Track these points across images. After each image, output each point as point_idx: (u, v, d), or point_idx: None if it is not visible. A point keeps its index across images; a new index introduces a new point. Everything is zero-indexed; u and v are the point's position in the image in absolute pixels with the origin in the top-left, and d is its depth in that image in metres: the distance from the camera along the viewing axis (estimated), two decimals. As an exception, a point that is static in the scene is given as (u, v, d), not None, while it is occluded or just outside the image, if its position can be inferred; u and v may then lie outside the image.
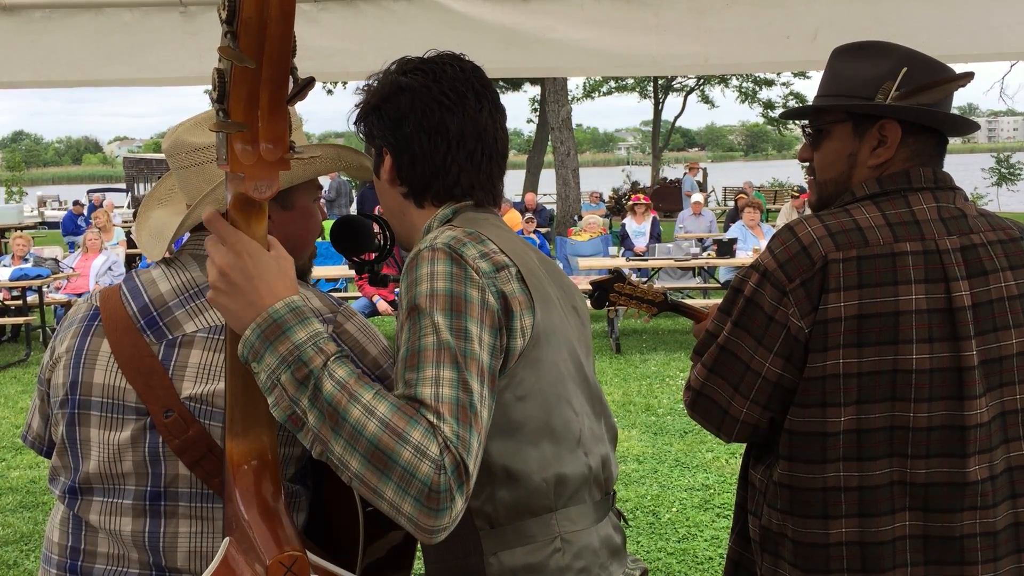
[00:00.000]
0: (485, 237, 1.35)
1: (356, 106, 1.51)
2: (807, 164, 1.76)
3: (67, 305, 9.87)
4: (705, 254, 10.73)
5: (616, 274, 2.39)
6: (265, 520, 1.22)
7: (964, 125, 1.66)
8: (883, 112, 1.61)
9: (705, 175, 30.09)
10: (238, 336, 1.20)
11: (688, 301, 2.48)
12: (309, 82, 1.08)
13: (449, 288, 1.25)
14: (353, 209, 19.49)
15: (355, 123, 1.52)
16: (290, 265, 1.23)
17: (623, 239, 11.97)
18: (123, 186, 36.33)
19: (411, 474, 1.08)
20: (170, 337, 1.43)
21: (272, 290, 1.18)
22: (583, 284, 5.52)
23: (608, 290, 2.35)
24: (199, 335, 1.43)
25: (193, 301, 1.46)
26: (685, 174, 23.81)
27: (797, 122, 1.82)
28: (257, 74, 1.06)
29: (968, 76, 1.61)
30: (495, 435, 1.30)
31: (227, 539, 1.25)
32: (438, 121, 1.41)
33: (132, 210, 27.34)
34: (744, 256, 9.89)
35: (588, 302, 2.01)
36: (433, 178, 1.44)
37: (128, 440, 1.41)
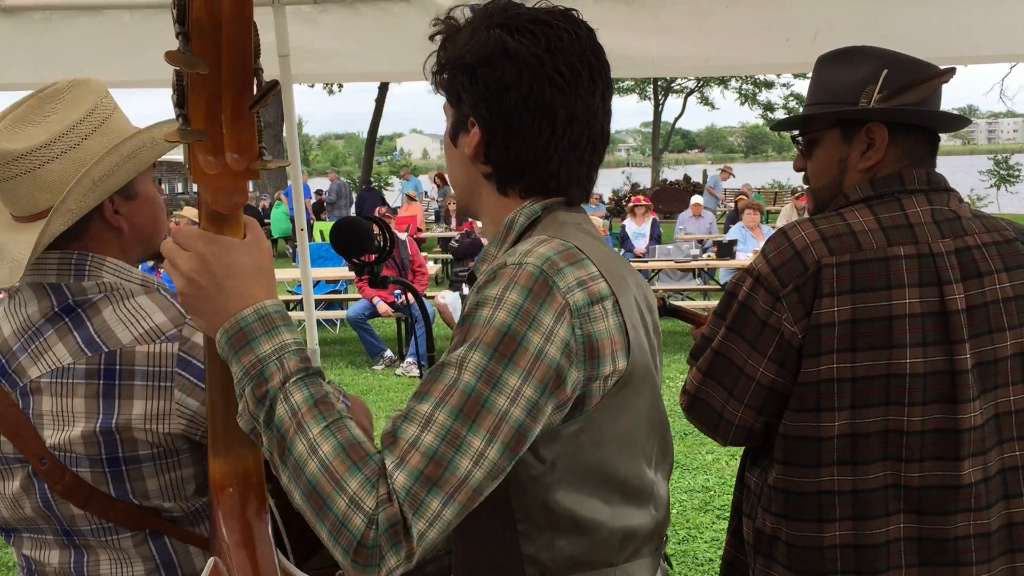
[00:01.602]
0: (584, 256, 1.16)
1: (442, 47, 1.28)
2: (803, 172, 1.77)
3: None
4: (705, 256, 10.72)
5: None
6: (245, 547, 1.18)
7: (953, 121, 1.65)
8: (868, 115, 1.61)
9: (705, 176, 30.10)
10: (212, 341, 1.13)
11: (687, 304, 2.47)
12: (273, 85, 1.00)
13: (507, 325, 1.07)
14: (353, 211, 19.50)
15: (436, 72, 1.30)
16: (268, 258, 1.13)
17: (623, 240, 11.96)
18: (123, 187, 36.30)
19: (343, 524, 0.99)
20: (21, 384, 1.37)
21: (244, 293, 1.09)
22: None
23: None
24: (43, 380, 1.35)
25: (33, 342, 1.38)
26: (718, 173, 23.05)
27: (788, 134, 1.83)
28: (216, 78, 0.99)
29: (950, 72, 1.61)
30: (564, 480, 1.16)
31: (212, 560, 1.22)
32: (547, 101, 1.20)
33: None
34: (744, 257, 9.89)
35: None
36: (529, 166, 1.24)
37: (20, 489, 1.39)
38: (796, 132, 1.75)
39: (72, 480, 1.34)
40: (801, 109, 1.76)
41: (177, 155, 1.53)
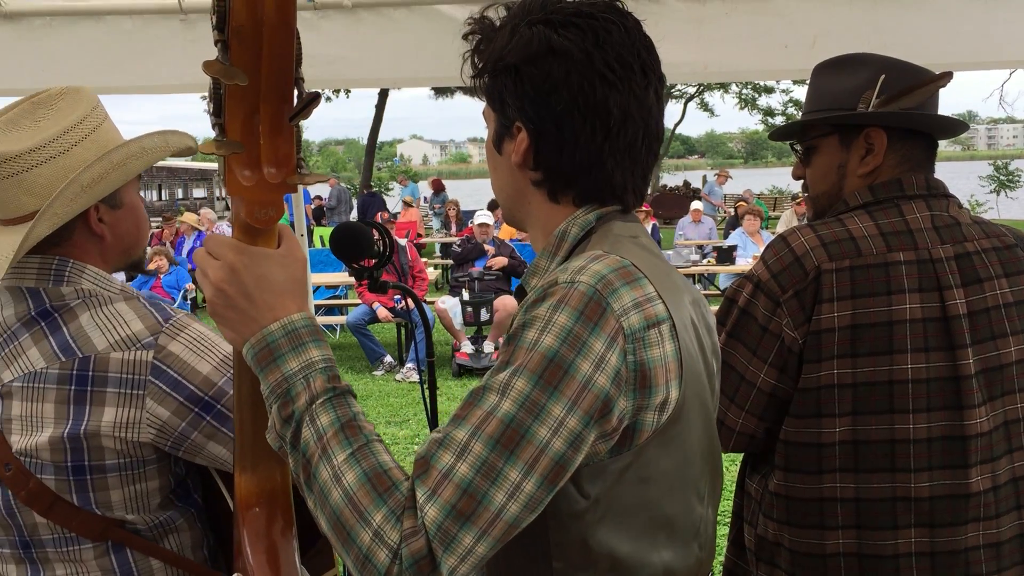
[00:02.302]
0: (642, 274, 1.08)
1: (477, 48, 1.20)
2: (802, 180, 1.77)
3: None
4: (705, 261, 10.73)
5: None
6: (271, 566, 1.16)
7: (952, 126, 1.65)
8: (866, 120, 1.62)
9: (704, 182, 30.10)
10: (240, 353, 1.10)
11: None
12: (315, 97, 0.95)
13: (554, 350, 1.00)
14: (353, 216, 19.52)
15: (475, 76, 1.21)
16: (301, 268, 1.10)
17: (623, 246, 11.95)
18: (123, 193, 36.29)
19: (367, 558, 0.96)
20: None
21: (273, 306, 1.06)
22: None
23: None
24: (15, 384, 1.34)
25: (8, 346, 1.37)
26: (715, 177, 23.00)
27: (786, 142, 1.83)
28: (256, 88, 0.94)
29: (947, 76, 1.61)
30: (607, 518, 1.08)
31: None
32: (599, 100, 1.11)
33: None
34: (744, 263, 9.90)
35: None
36: (583, 171, 1.15)
37: None
38: (794, 140, 1.76)
39: (36, 487, 1.32)
40: (800, 116, 1.77)
41: (177, 161, 1.54)
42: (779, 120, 34.03)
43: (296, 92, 0.97)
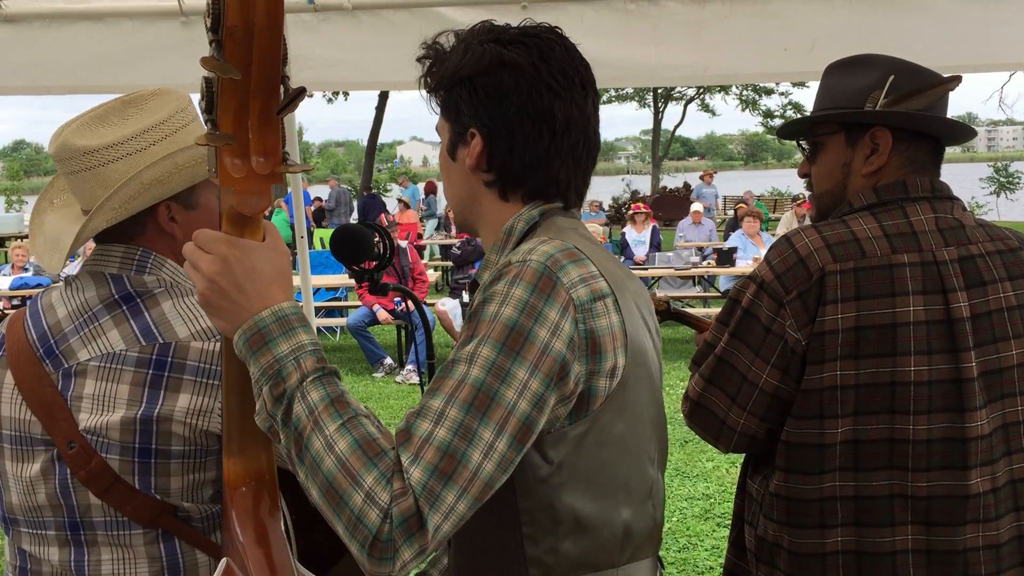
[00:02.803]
0: (584, 255, 1.20)
1: (430, 70, 1.34)
2: (807, 178, 1.77)
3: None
4: (705, 263, 10.73)
5: None
6: (260, 545, 1.20)
7: (959, 130, 1.65)
8: (872, 119, 1.62)
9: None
10: (230, 343, 1.15)
11: (690, 310, 2.45)
12: (300, 92, 1.05)
13: (514, 320, 1.11)
14: (353, 218, 19.51)
15: (431, 89, 1.34)
16: (286, 261, 1.17)
17: (623, 248, 11.97)
18: (123, 194, 36.29)
19: (359, 520, 1.02)
20: (66, 366, 1.39)
21: (263, 295, 1.12)
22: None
23: None
24: (92, 364, 1.37)
25: (88, 326, 1.40)
26: (700, 181, 23.01)
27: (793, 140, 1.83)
28: (246, 84, 1.02)
29: (956, 79, 1.61)
30: (570, 482, 1.19)
31: (225, 560, 1.24)
32: (546, 106, 1.25)
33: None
34: (744, 265, 9.89)
35: None
36: (531, 170, 1.28)
37: (39, 473, 1.39)
38: (801, 137, 1.76)
39: (98, 466, 1.35)
40: (799, 117, 1.77)
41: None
42: (779, 122, 34.04)
43: (283, 88, 1.05)
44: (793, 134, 1.80)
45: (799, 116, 1.84)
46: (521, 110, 1.25)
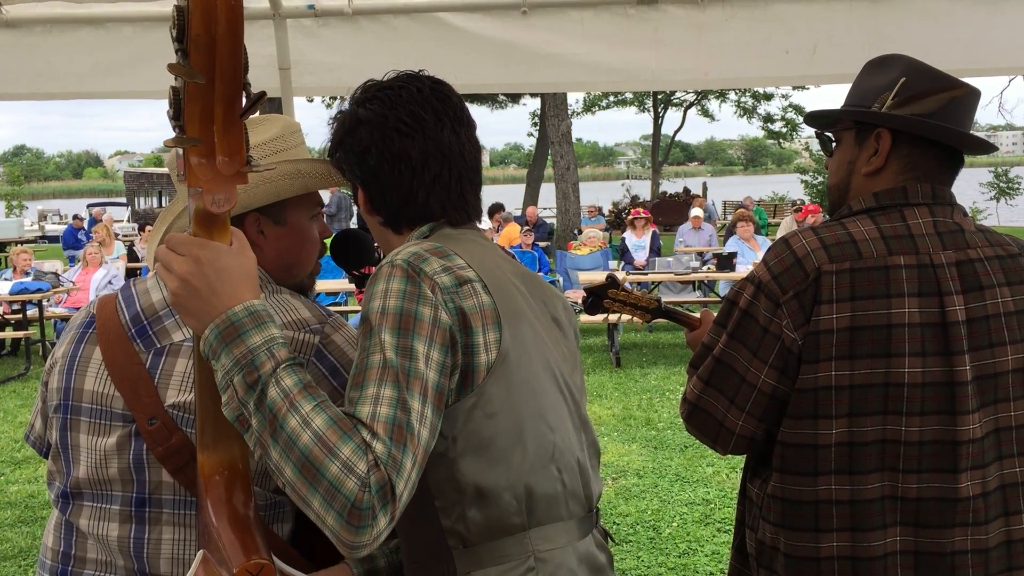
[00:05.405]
0: (451, 252, 1.35)
1: (329, 139, 1.53)
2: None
3: (67, 319, 9.85)
4: (705, 268, 10.73)
5: (610, 280, 2.35)
6: (234, 529, 1.24)
7: (967, 141, 1.63)
8: (874, 120, 1.63)
9: (704, 189, 30.13)
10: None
11: (682, 309, 2.44)
12: (260, 96, 1.11)
13: (399, 307, 1.25)
14: (354, 223, 19.53)
15: (329, 156, 1.53)
16: (253, 264, 1.24)
17: (623, 253, 11.97)
18: (124, 200, 36.36)
19: (336, 489, 1.09)
20: (158, 346, 1.46)
21: (234, 293, 1.20)
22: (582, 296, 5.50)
23: (602, 296, 2.33)
24: (186, 344, 1.45)
25: None
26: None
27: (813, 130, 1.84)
28: (210, 90, 1.09)
29: (962, 87, 1.60)
30: (465, 453, 1.30)
31: (201, 552, 1.27)
32: (399, 149, 1.41)
33: (132, 224, 27.36)
34: (744, 269, 9.89)
35: (582, 307, 2.00)
36: (403, 206, 1.44)
37: (114, 446, 1.43)
38: (827, 129, 1.77)
39: (179, 442, 1.39)
40: (800, 120, 1.78)
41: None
42: (779, 126, 34.10)
43: (244, 94, 1.13)
44: (819, 124, 1.80)
45: (800, 119, 1.84)
46: (380, 157, 1.41)
